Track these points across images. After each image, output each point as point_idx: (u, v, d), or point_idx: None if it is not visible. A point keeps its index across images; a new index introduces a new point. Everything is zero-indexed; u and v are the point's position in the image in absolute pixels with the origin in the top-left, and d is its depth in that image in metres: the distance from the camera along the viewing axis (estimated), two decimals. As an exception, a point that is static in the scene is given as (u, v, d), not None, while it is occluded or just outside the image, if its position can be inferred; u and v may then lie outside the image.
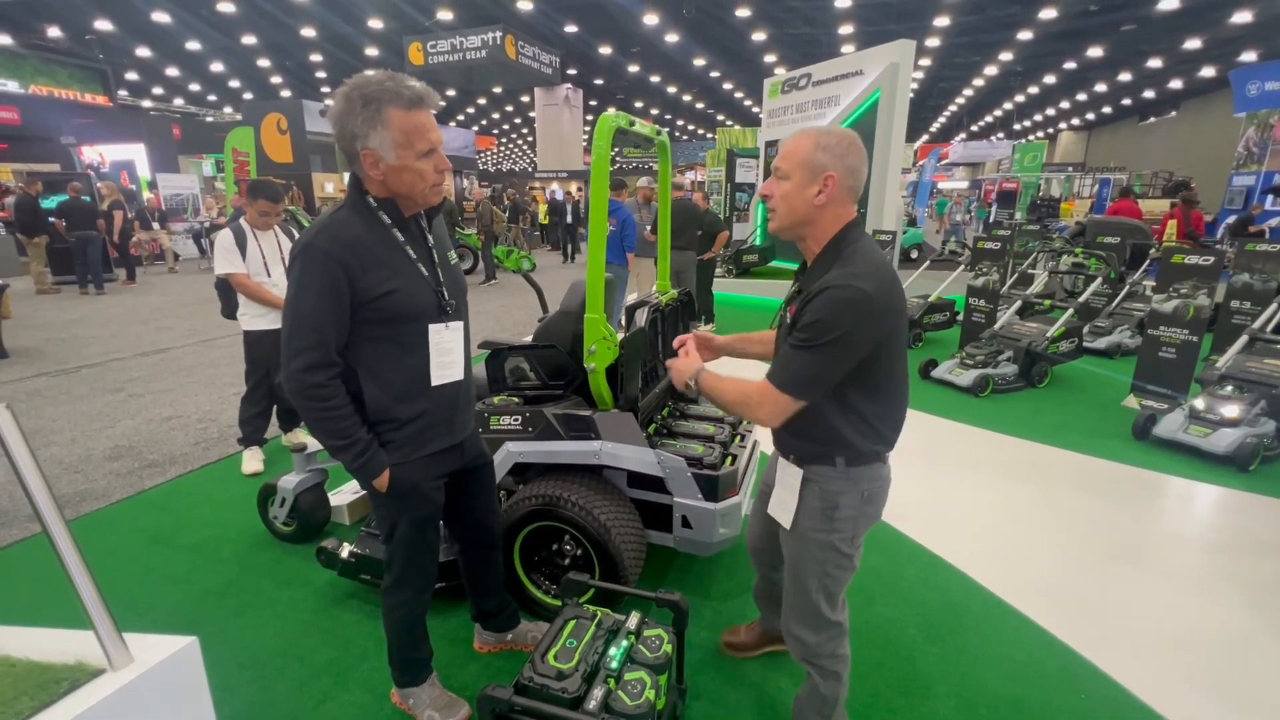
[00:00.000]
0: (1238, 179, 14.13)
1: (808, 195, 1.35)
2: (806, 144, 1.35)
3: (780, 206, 1.39)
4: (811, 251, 1.42)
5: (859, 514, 1.47)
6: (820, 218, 1.37)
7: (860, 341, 1.30)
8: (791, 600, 1.58)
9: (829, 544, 1.47)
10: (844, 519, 1.46)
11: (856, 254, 1.34)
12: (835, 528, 1.46)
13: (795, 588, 1.56)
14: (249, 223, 3.47)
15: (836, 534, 1.47)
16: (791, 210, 1.38)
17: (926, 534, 2.96)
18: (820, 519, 1.46)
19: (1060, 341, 5.21)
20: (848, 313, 1.26)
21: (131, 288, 10.75)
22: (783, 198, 1.38)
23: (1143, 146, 28.07)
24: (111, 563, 2.73)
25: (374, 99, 1.40)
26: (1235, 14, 14.20)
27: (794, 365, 1.33)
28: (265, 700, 1.99)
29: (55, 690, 0.98)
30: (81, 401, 4.85)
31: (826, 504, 1.45)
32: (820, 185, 1.34)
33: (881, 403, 1.42)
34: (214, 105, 29.19)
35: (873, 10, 15.17)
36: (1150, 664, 2.17)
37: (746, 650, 2.14)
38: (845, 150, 1.34)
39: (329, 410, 1.49)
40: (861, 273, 1.29)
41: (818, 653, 1.58)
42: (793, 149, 1.37)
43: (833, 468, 1.44)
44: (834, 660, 1.59)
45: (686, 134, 38.82)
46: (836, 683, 1.62)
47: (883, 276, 1.32)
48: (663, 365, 2.78)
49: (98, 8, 15.52)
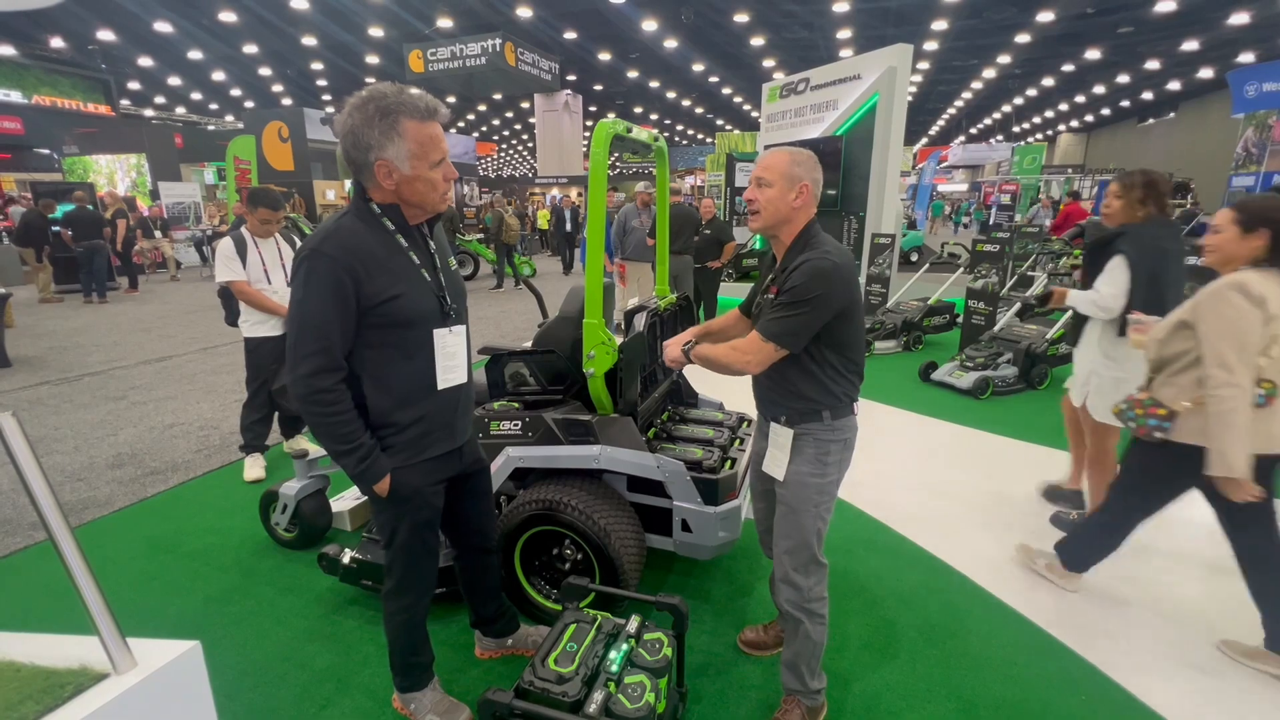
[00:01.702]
0: (1237, 180, 14.12)
1: (788, 199, 1.68)
2: (785, 159, 1.69)
3: (766, 208, 1.70)
4: (784, 245, 1.74)
5: (841, 459, 1.76)
6: (795, 217, 1.70)
7: (833, 302, 1.60)
8: (788, 547, 1.77)
9: (822, 487, 1.73)
10: (833, 463, 1.74)
11: (821, 240, 1.69)
12: (827, 472, 1.73)
13: (793, 532, 1.75)
14: (250, 230, 3.49)
15: (828, 477, 1.74)
16: (776, 211, 1.70)
17: (926, 537, 2.96)
18: (815, 465, 1.73)
19: (1060, 343, 5.21)
20: (823, 278, 1.58)
21: (134, 296, 10.79)
22: (768, 201, 1.69)
23: (1142, 148, 28.12)
24: (114, 570, 2.75)
25: (390, 111, 1.43)
26: (1233, 15, 14.25)
27: (779, 320, 1.62)
28: (267, 706, 1.99)
29: (60, 694, 0.99)
30: (84, 409, 4.87)
31: (820, 451, 1.73)
32: (798, 192, 1.67)
33: (852, 359, 1.72)
34: (216, 114, 29.35)
35: (870, 15, 15.23)
36: (1151, 666, 2.17)
37: (765, 649, 2.21)
38: (813, 165, 1.70)
39: (334, 415, 1.51)
40: (830, 251, 1.63)
41: (810, 596, 1.76)
42: (774, 162, 1.69)
43: (821, 422, 1.72)
44: (821, 603, 1.79)
45: (686, 139, 38.94)
46: (823, 626, 1.81)
47: (845, 254, 1.67)
48: (662, 370, 2.80)
49: (100, 18, 15.62)
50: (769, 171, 1.68)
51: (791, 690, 1.87)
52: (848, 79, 7.61)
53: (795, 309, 1.59)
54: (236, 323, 3.56)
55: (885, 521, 3.12)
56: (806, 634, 1.79)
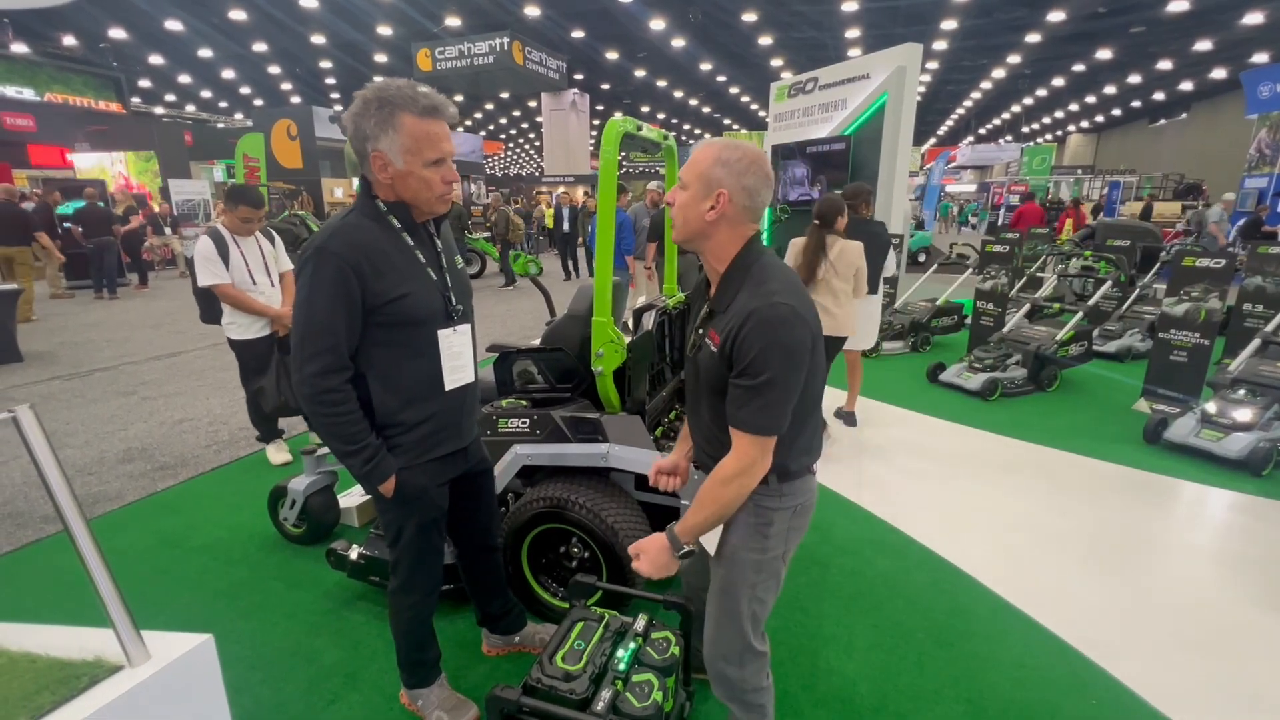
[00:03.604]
0: (1250, 181, 14.01)
1: (701, 209, 1.31)
2: (708, 156, 1.31)
3: (678, 216, 1.36)
4: (714, 270, 1.38)
5: (789, 528, 1.43)
6: (714, 233, 1.33)
7: (805, 353, 1.27)
8: (716, 633, 1.49)
9: (760, 564, 1.42)
10: (776, 534, 1.41)
11: (765, 272, 1.30)
12: (768, 546, 1.41)
13: (723, 616, 1.47)
14: (229, 229, 3.33)
15: (769, 552, 1.41)
16: (686, 221, 1.34)
17: (935, 538, 2.95)
18: (753, 536, 1.41)
19: (1070, 345, 5.18)
20: (785, 331, 1.23)
21: (144, 292, 10.87)
22: (680, 207, 1.35)
23: (1153, 149, 27.90)
24: (124, 564, 2.77)
25: (389, 102, 1.42)
26: (1246, 15, 14.10)
27: (756, 410, 1.25)
28: (276, 701, 2.00)
29: (76, 685, 1.00)
30: (95, 405, 4.91)
31: (760, 520, 1.40)
32: (713, 201, 1.29)
33: (807, 416, 1.38)
34: (225, 112, 29.51)
35: (879, 14, 15.16)
36: (1161, 670, 2.15)
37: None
38: (744, 169, 1.29)
39: (341, 415, 1.50)
40: (778, 289, 1.26)
41: (743, 688, 1.52)
42: (696, 159, 1.33)
43: (765, 485, 1.36)
44: (758, 694, 1.53)
45: (693, 138, 38.90)
46: (761, 717, 1.56)
47: (799, 290, 1.31)
48: (670, 369, 2.79)
49: (112, 16, 15.74)
50: (688, 170, 1.33)
51: None
52: (856, 78, 7.57)
53: (768, 389, 1.23)
54: (217, 320, 3.44)
55: (892, 522, 3.11)
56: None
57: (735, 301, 1.29)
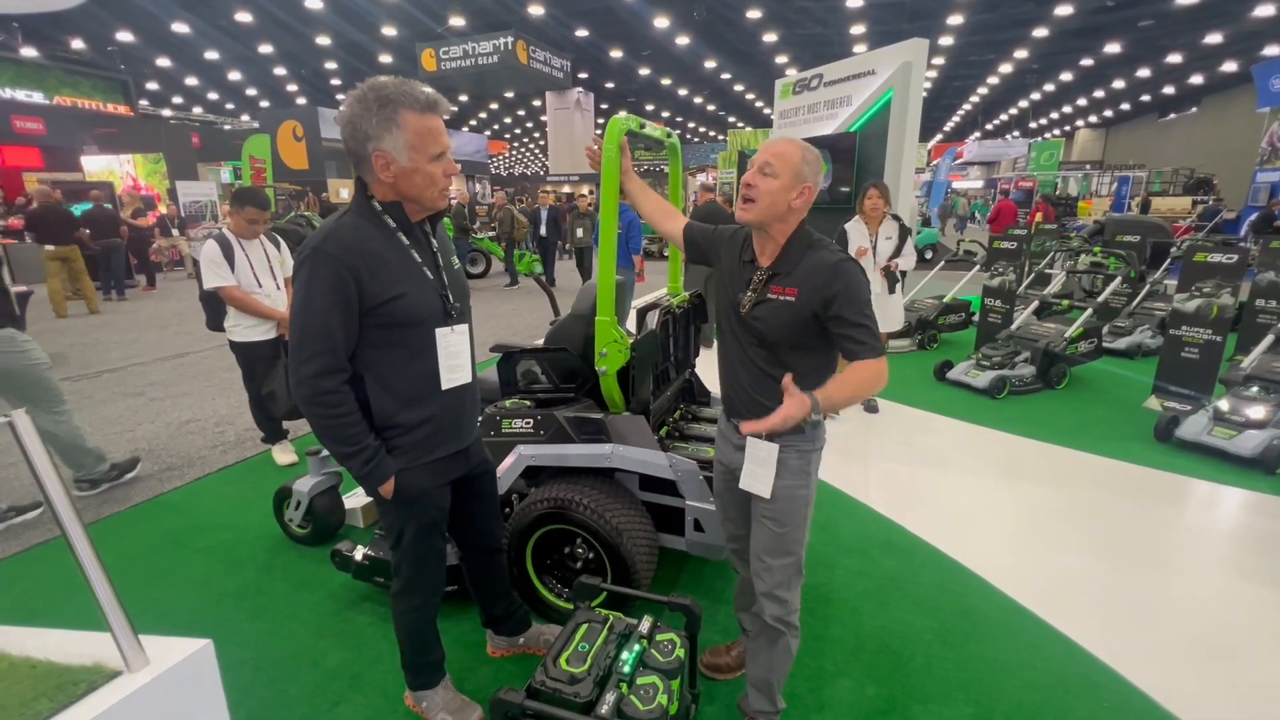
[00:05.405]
0: (1261, 175, 13.86)
1: (789, 196, 1.54)
2: (797, 153, 1.55)
3: (763, 200, 1.54)
4: (776, 242, 1.60)
5: (819, 466, 1.70)
6: (790, 216, 1.57)
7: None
8: (780, 564, 1.69)
9: (807, 497, 1.67)
10: (814, 473, 1.67)
11: (820, 240, 1.60)
12: (811, 483, 1.67)
13: (784, 548, 1.67)
14: (234, 231, 3.36)
15: (810, 488, 1.67)
16: (773, 205, 1.55)
17: (943, 538, 2.92)
18: (801, 477, 1.64)
19: (1079, 342, 5.13)
20: (862, 276, 1.52)
21: (152, 294, 10.93)
22: (768, 192, 1.54)
23: (1162, 143, 27.62)
24: (131, 565, 2.78)
25: (390, 101, 1.41)
26: (1257, 7, 13.92)
27: (872, 330, 1.51)
28: (280, 702, 2.00)
29: (74, 691, 0.99)
30: (102, 406, 4.93)
31: (803, 463, 1.63)
32: (800, 192, 1.55)
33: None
34: (232, 113, 29.66)
35: (885, 10, 15.06)
36: (1173, 671, 2.12)
37: (728, 672, 2.09)
38: (818, 170, 1.58)
39: (339, 417, 1.49)
40: (840, 250, 1.58)
41: (791, 608, 1.70)
42: (785, 152, 1.54)
43: (803, 435, 1.60)
44: (797, 614, 1.73)
45: (698, 136, 38.80)
46: (799, 639, 1.76)
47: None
48: (674, 369, 2.77)
49: (119, 19, 15.82)
50: (779, 160, 1.53)
51: (758, 712, 1.80)
52: (862, 74, 7.51)
53: (871, 319, 1.49)
54: (220, 327, 3.44)
55: (900, 522, 3.08)
56: (786, 647, 1.73)
57: (804, 260, 1.55)
